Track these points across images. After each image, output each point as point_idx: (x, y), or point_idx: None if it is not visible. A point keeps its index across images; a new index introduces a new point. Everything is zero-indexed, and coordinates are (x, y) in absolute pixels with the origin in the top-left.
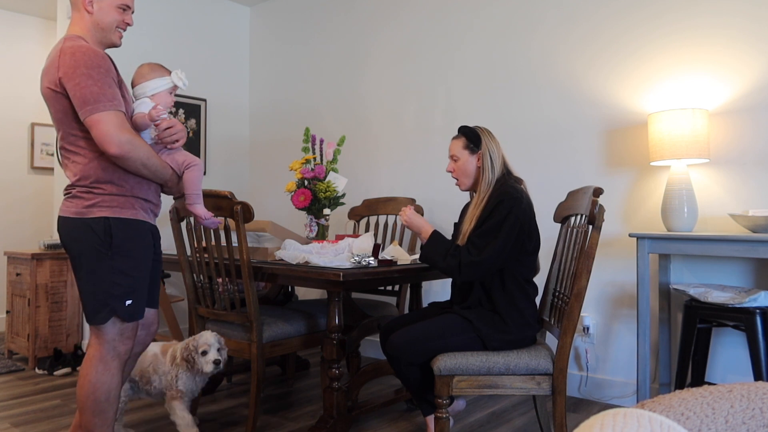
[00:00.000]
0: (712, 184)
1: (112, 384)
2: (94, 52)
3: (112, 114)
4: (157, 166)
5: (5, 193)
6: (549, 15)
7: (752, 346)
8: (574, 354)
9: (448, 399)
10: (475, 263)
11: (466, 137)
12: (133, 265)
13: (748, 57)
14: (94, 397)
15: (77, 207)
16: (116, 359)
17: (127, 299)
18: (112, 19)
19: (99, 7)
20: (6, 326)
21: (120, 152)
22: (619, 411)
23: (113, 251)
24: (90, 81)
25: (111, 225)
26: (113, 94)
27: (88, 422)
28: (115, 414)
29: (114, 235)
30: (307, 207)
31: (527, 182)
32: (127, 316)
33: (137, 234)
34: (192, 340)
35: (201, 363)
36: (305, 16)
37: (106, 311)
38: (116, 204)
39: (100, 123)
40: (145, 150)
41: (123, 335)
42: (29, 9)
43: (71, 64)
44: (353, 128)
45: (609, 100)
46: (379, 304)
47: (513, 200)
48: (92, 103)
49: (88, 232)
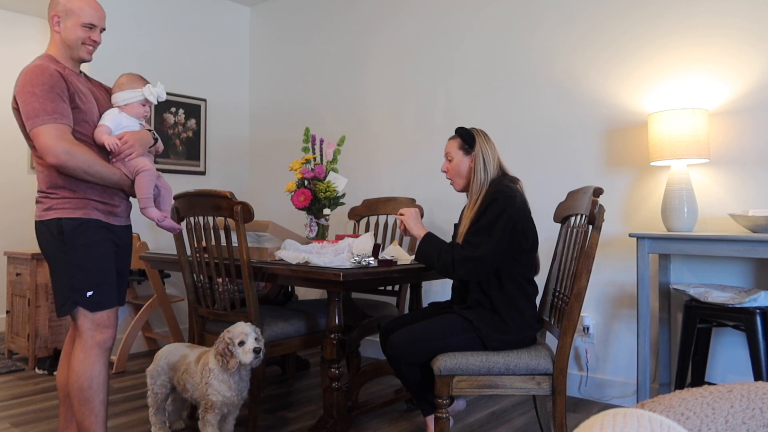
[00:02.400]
0: (712, 184)
1: (93, 372)
2: (42, 69)
3: (50, 127)
4: (102, 172)
5: (5, 193)
6: (549, 15)
7: (752, 346)
8: (574, 354)
9: (448, 399)
10: (470, 259)
11: (461, 138)
12: (88, 259)
13: (748, 57)
14: (77, 385)
15: (39, 211)
16: (94, 347)
17: (88, 291)
18: (77, 36)
19: (64, 26)
20: (6, 326)
21: (57, 162)
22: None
23: (67, 248)
24: (33, 98)
25: (63, 224)
26: (54, 109)
27: (77, 413)
28: (103, 404)
29: (65, 233)
30: (307, 207)
31: (527, 182)
32: (91, 306)
33: (90, 231)
34: (226, 333)
35: (239, 354)
36: (305, 16)
37: (69, 303)
38: (68, 206)
39: (40, 136)
40: (85, 158)
41: (98, 325)
42: (29, 9)
43: (21, 83)
44: (353, 128)
45: (609, 100)
46: (379, 304)
47: (506, 198)
48: (33, 118)
49: (46, 232)
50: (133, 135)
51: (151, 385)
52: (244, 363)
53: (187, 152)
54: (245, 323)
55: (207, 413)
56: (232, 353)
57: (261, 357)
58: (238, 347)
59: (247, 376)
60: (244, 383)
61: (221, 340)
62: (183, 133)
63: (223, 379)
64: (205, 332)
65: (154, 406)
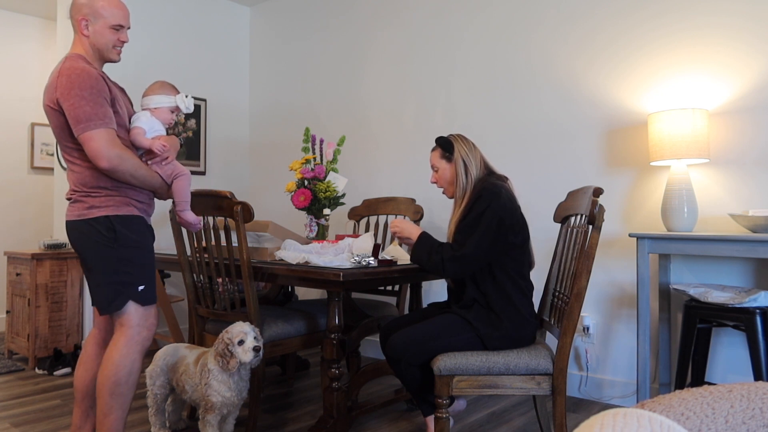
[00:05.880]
0: (712, 184)
1: (133, 368)
2: (88, 73)
3: (102, 131)
4: (145, 176)
5: (5, 193)
6: (549, 15)
7: (752, 346)
8: (574, 354)
9: (448, 399)
10: (457, 257)
11: (441, 147)
12: (139, 254)
13: (748, 57)
14: (115, 378)
15: (80, 210)
16: (139, 344)
17: (140, 285)
18: (107, 40)
19: (93, 30)
20: (6, 326)
21: (110, 166)
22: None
23: (118, 244)
24: (83, 101)
25: (112, 221)
26: (103, 113)
27: (105, 405)
28: (130, 402)
29: (117, 230)
30: (307, 207)
31: (527, 182)
32: (142, 300)
33: (137, 227)
34: (225, 333)
35: (239, 354)
36: (305, 16)
37: (121, 298)
38: (113, 203)
39: (92, 140)
40: (133, 162)
41: (145, 320)
42: (29, 9)
43: (67, 85)
44: (353, 128)
45: (609, 100)
46: (379, 304)
47: (491, 195)
48: (84, 122)
49: (91, 230)
50: (168, 139)
51: (151, 385)
52: (244, 362)
53: (187, 152)
54: (243, 323)
55: (207, 414)
56: (231, 353)
57: (260, 356)
58: (238, 346)
59: (246, 377)
60: (244, 383)
61: (220, 340)
62: (183, 133)
63: (222, 380)
64: (205, 332)
65: (154, 406)
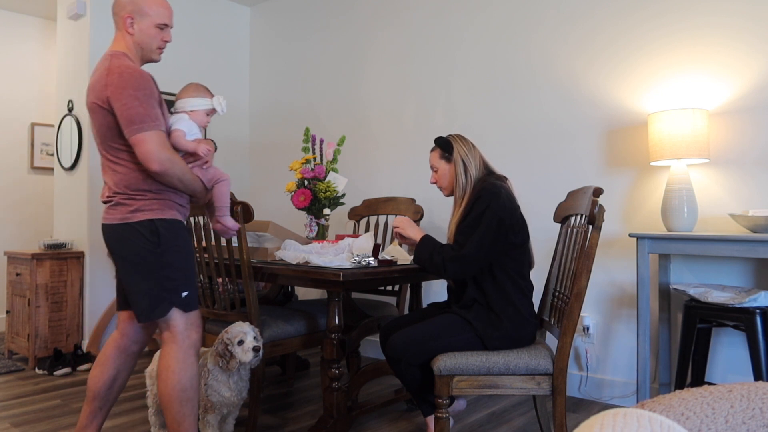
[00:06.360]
0: (712, 184)
1: (193, 371)
2: (140, 74)
3: (154, 134)
4: (191, 180)
5: (5, 193)
6: (549, 15)
7: (752, 346)
8: (574, 354)
9: (448, 399)
10: (457, 258)
11: (440, 148)
12: (182, 259)
13: (748, 57)
14: (180, 386)
15: (122, 213)
16: (192, 348)
17: (183, 291)
18: (152, 38)
19: (139, 28)
20: (6, 326)
21: (161, 169)
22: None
23: (162, 249)
24: (136, 102)
25: (156, 226)
26: (156, 115)
27: (177, 414)
28: (198, 405)
29: (161, 235)
30: (307, 207)
31: (527, 182)
32: (186, 306)
33: (181, 231)
34: (224, 333)
35: (239, 353)
36: (305, 16)
37: (164, 305)
38: (157, 207)
39: (144, 142)
40: (182, 167)
41: (191, 324)
42: (29, 9)
43: (119, 84)
44: (353, 128)
45: (609, 100)
46: (379, 304)
47: (491, 195)
48: (138, 123)
49: (136, 234)
50: (207, 143)
51: (151, 386)
52: (244, 362)
53: None
54: (243, 323)
55: (207, 414)
56: (231, 353)
57: (260, 356)
58: (237, 346)
59: (246, 376)
60: (244, 383)
61: (220, 341)
62: None
63: (221, 380)
64: (205, 332)
65: (154, 406)
